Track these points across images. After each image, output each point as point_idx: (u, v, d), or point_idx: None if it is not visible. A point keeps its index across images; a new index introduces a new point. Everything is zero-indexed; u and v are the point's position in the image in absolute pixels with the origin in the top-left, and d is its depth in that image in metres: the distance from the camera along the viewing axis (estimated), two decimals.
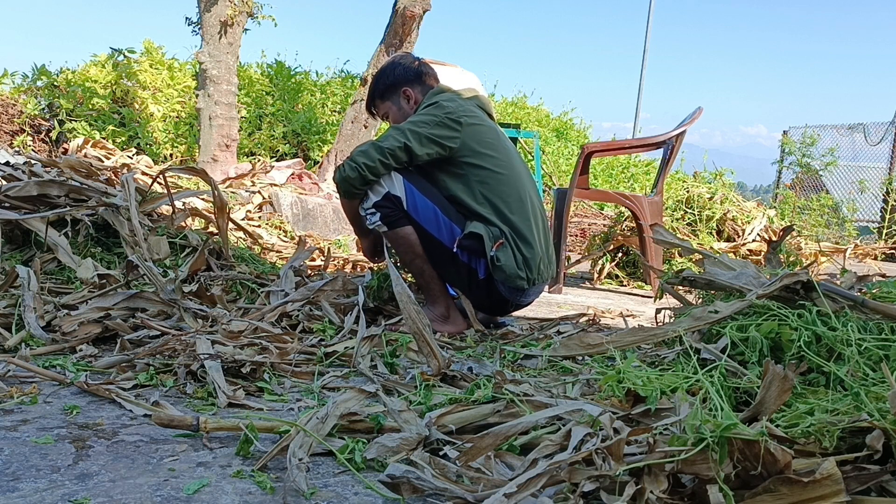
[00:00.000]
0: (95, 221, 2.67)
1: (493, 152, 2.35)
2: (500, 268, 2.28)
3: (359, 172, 2.26)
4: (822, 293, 1.57)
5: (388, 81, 2.51)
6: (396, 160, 2.27)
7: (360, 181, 2.28)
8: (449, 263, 2.33)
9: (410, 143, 2.26)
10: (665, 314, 2.02)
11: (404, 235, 2.31)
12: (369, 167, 2.26)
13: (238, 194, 4.43)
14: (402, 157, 2.27)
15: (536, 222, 2.39)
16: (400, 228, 2.30)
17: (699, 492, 0.99)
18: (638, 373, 1.44)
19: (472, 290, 2.37)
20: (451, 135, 2.29)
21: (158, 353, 1.77)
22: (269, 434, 1.32)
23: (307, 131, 7.68)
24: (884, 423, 1.08)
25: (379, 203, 2.29)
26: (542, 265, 2.37)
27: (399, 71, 2.50)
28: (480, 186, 2.32)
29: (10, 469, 1.16)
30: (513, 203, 2.33)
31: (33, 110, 6.76)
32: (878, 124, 9.98)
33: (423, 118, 2.31)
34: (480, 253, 2.29)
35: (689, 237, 4.27)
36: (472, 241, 2.28)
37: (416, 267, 2.36)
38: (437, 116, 2.30)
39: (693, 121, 3.64)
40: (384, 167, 2.27)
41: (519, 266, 2.30)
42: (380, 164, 2.26)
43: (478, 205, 2.31)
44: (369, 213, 2.31)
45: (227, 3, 5.20)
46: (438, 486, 1.07)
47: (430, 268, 2.35)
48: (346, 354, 1.91)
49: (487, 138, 2.36)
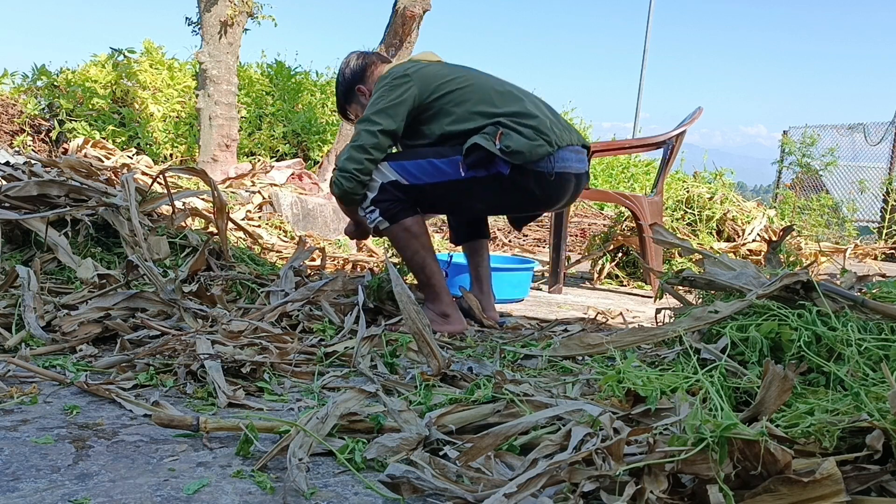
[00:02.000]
0: (95, 221, 2.67)
1: (452, 76, 2.36)
2: (514, 151, 2.21)
3: (355, 180, 2.26)
4: (822, 293, 1.57)
5: (344, 88, 2.58)
6: (380, 147, 2.27)
7: (359, 186, 2.28)
8: (474, 191, 2.30)
9: (381, 123, 2.26)
10: (665, 314, 2.02)
11: (406, 227, 2.29)
12: (360, 169, 2.26)
13: (238, 194, 4.43)
14: (384, 140, 2.27)
15: (528, 99, 2.37)
16: (401, 221, 2.29)
17: (699, 492, 0.99)
18: (638, 373, 1.44)
19: (512, 195, 2.32)
20: (405, 89, 2.29)
21: (158, 353, 1.77)
22: (269, 434, 1.32)
23: (307, 131, 7.68)
24: (884, 423, 1.08)
25: (376, 198, 2.27)
26: (555, 129, 2.32)
27: (348, 74, 2.56)
28: (457, 108, 2.30)
29: (10, 469, 1.16)
30: (494, 99, 2.31)
31: (33, 110, 6.77)
32: (878, 124, 9.98)
33: (375, 97, 2.33)
34: (490, 157, 2.23)
35: (689, 237, 4.27)
36: (475, 154, 2.22)
37: (417, 263, 2.33)
38: (385, 86, 2.32)
39: (693, 121, 3.64)
40: (373, 162, 2.27)
41: (530, 138, 2.23)
42: (368, 162, 2.26)
43: (465, 123, 2.29)
44: (369, 211, 2.30)
45: (227, 3, 5.20)
46: (438, 486, 1.08)
47: (432, 263, 2.33)
48: (346, 354, 1.91)
49: (440, 72, 2.37)
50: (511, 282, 3.12)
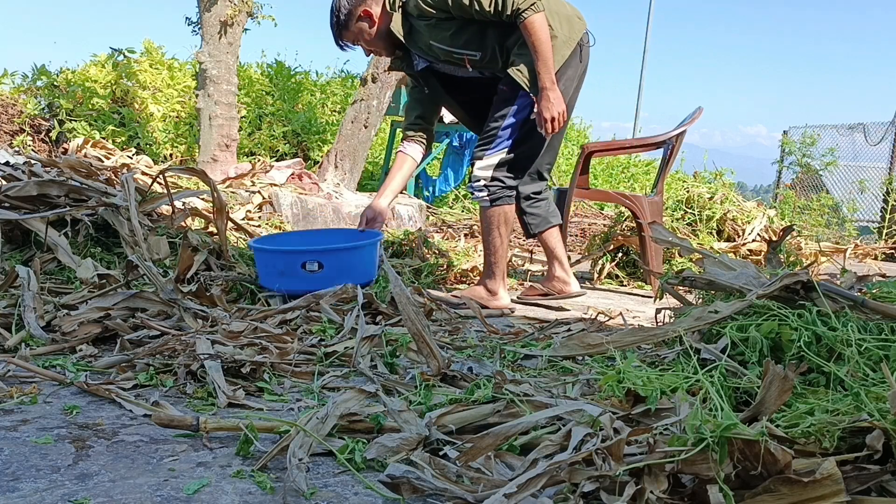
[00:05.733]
0: (95, 221, 2.67)
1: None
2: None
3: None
4: (822, 293, 1.57)
5: (344, 14, 2.62)
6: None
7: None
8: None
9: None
10: (665, 314, 2.02)
11: (503, 212, 2.70)
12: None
13: (238, 194, 4.43)
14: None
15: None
16: (501, 206, 2.69)
17: (699, 492, 0.99)
18: (638, 373, 1.44)
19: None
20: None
21: (158, 353, 1.77)
22: (269, 434, 1.32)
23: (307, 131, 7.67)
24: (884, 423, 1.08)
25: (489, 183, 2.67)
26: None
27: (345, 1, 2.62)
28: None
29: (10, 469, 1.16)
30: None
31: (33, 110, 6.76)
32: (878, 124, 9.96)
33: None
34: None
35: (689, 237, 4.26)
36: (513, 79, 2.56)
37: (493, 243, 2.73)
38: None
39: (693, 121, 3.63)
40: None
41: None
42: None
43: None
44: (478, 188, 2.68)
45: (227, 3, 5.19)
46: (438, 486, 1.08)
47: (504, 248, 2.74)
48: (346, 354, 1.91)
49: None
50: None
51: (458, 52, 2.59)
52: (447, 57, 2.64)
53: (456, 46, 2.57)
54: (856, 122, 10.19)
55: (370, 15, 2.60)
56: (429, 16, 2.53)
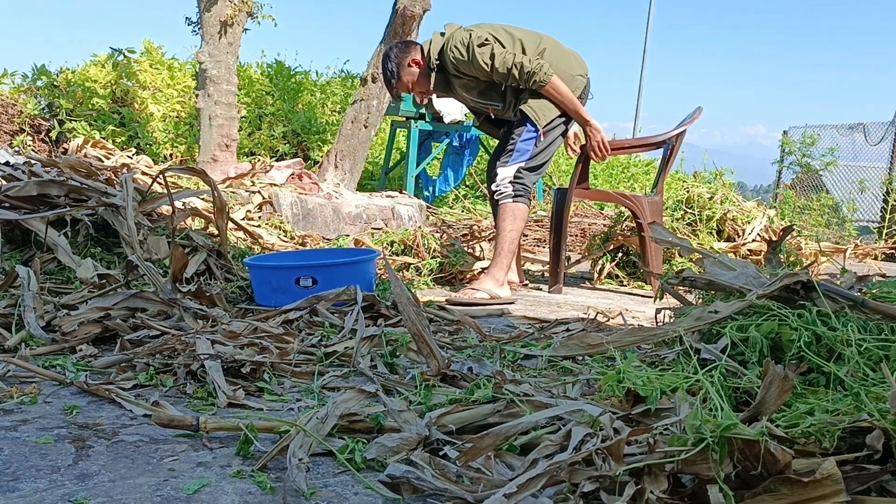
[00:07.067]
0: (95, 221, 2.67)
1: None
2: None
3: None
4: (822, 293, 1.57)
5: (395, 65, 3.08)
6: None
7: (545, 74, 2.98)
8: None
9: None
10: (665, 314, 2.01)
11: (521, 209, 3.07)
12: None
13: (238, 194, 4.43)
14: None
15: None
16: (518, 203, 3.06)
17: (699, 492, 0.99)
18: (638, 373, 1.44)
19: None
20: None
21: (158, 353, 1.77)
22: (269, 434, 1.32)
23: (307, 131, 7.67)
24: (884, 423, 1.08)
25: (513, 180, 3.06)
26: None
27: (395, 53, 3.10)
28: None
29: (10, 469, 1.16)
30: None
31: (33, 110, 6.76)
32: (878, 124, 9.96)
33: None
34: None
35: (689, 237, 4.26)
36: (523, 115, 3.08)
37: (507, 238, 3.03)
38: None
39: (693, 121, 3.63)
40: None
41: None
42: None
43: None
44: (503, 185, 3.05)
45: (227, 3, 5.19)
46: (438, 486, 1.07)
47: (517, 242, 3.09)
48: (346, 354, 1.91)
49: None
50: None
51: (484, 103, 3.21)
52: (475, 105, 3.28)
53: (483, 100, 3.19)
54: (856, 122, 10.19)
55: (417, 63, 3.09)
56: (463, 77, 3.09)
